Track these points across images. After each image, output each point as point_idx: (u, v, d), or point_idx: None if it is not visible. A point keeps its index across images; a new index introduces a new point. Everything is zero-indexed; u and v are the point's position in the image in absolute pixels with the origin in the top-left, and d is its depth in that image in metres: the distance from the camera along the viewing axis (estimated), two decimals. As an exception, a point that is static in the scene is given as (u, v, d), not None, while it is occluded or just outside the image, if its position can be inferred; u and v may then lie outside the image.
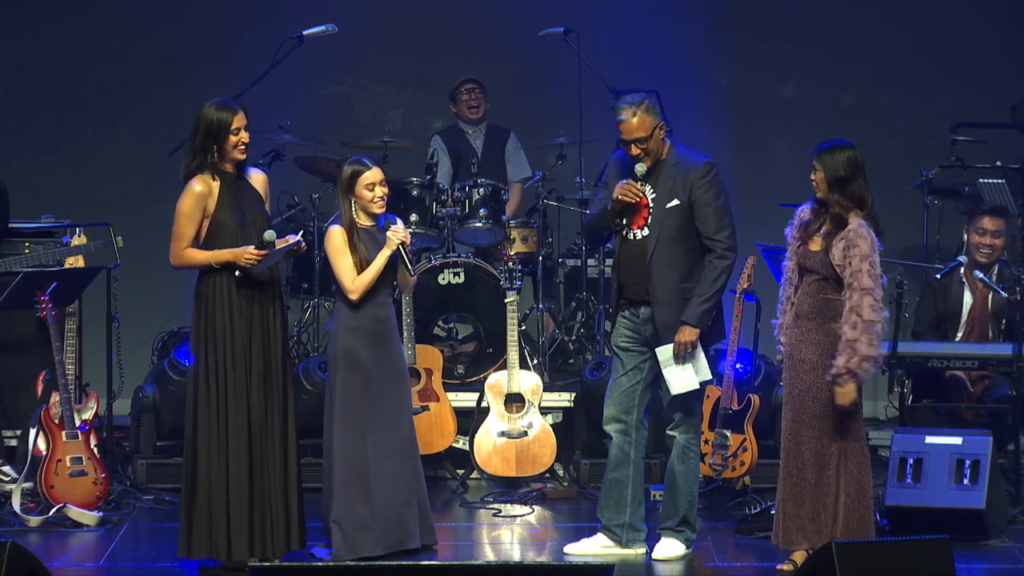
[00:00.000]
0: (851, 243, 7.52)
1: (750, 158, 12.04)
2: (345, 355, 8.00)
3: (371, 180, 8.00)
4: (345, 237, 8.00)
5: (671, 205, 7.96)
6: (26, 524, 8.82)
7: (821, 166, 7.61)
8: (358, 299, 7.99)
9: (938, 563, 6.28)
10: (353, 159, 8.10)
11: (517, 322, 9.84)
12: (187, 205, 7.68)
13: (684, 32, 11.86)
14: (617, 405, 8.16)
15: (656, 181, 8.00)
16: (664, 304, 8.00)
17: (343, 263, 8.00)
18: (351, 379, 8.00)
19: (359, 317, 8.02)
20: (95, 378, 9.68)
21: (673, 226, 7.96)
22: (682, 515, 8.14)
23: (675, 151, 8.02)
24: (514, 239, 10.69)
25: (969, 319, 9.76)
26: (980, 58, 11.94)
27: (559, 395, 10.22)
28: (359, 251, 7.98)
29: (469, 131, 11.30)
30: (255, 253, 7.64)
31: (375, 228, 8.06)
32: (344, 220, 8.03)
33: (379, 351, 8.03)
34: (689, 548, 8.17)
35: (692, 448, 8.14)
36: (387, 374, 8.04)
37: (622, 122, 7.93)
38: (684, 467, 8.13)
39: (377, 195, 8.01)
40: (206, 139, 7.66)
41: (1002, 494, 8.69)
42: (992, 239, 9.61)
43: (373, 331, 8.02)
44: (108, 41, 11.94)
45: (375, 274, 7.97)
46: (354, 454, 7.95)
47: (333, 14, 10.58)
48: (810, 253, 7.63)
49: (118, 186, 11.46)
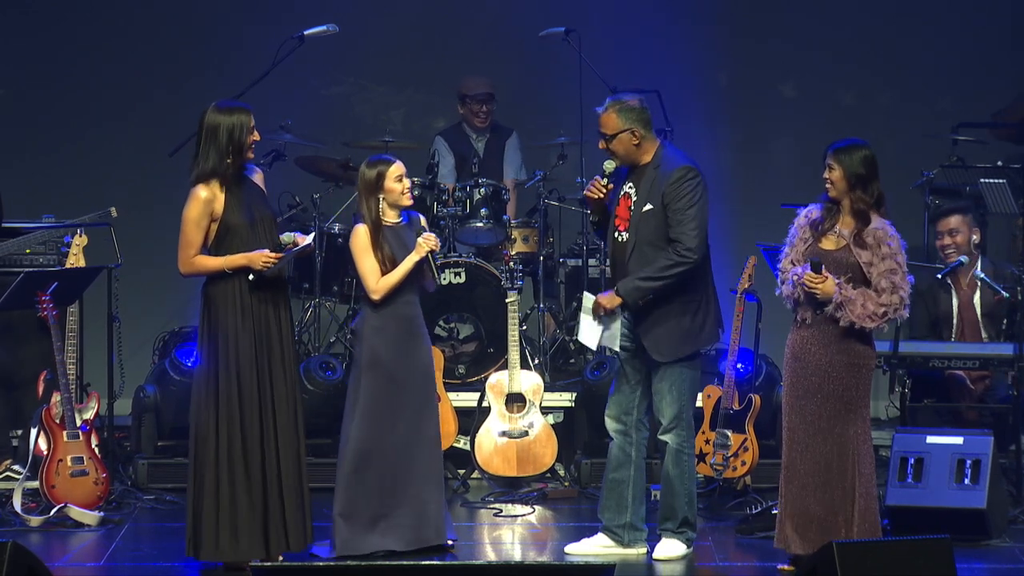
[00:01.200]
0: (880, 241, 7.52)
1: (750, 158, 12.04)
2: (369, 356, 8.03)
3: (398, 173, 8.04)
4: (369, 236, 8.02)
5: (646, 209, 7.95)
6: (27, 524, 8.82)
7: (839, 165, 7.58)
8: (380, 300, 8.01)
9: (939, 563, 6.28)
10: (371, 159, 8.13)
11: (518, 322, 9.84)
12: (194, 212, 7.65)
13: (684, 32, 11.86)
14: (617, 406, 8.16)
15: (638, 184, 8.01)
16: (642, 306, 7.98)
17: (367, 263, 8.01)
18: (375, 380, 8.01)
19: (383, 317, 8.04)
20: (96, 378, 9.68)
21: (650, 230, 7.95)
22: (682, 516, 8.13)
23: (661, 154, 8.02)
24: (515, 239, 10.69)
25: (959, 320, 9.78)
26: (980, 58, 11.94)
27: (560, 395, 10.23)
28: (383, 250, 8.00)
29: (473, 134, 11.29)
30: (272, 256, 7.64)
31: (400, 225, 8.08)
32: (368, 219, 8.04)
33: (404, 350, 8.04)
34: (690, 548, 8.17)
35: (685, 451, 8.11)
36: (412, 374, 8.05)
37: (598, 114, 8.03)
38: (679, 471, 8.11)
39: (406, 186, 8.06)
40: (229, 142, 7.63)
41: (1003, 494, 8.69)
42: (950, 238, 9.72)
43: (398, 331, 8.04)
44: (108, 41, 11.94)
45: (400, 277, 8.00)
46: (370, 451, 7.96)
47: (334, 14, 10.58)
48: (821, 252, 7.61)
49: (118, 186, 11.45)
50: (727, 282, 9.11)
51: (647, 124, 8.02)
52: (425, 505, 8.02)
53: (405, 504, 7.98)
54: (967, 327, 9.75)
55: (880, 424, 10.62)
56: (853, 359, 7.58)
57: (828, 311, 7.56)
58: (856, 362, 7.58)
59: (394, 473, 7.98)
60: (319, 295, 10.71)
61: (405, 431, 8.00)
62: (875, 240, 7.53)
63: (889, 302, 7.50)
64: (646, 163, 8.02)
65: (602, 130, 8.01)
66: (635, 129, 7.97)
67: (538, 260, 10.74)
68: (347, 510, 7.95)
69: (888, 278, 7.50)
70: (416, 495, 8.01)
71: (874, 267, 7.52)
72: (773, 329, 9.50)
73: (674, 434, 8.08)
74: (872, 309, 7.49)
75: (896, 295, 7.50)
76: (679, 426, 8.07)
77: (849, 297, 7.50)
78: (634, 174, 8.05)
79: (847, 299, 7.50)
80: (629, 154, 8.01)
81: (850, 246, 7.56)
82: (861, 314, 7.50)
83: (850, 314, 7.50)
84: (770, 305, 9.09)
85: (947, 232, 9.75)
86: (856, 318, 7.50)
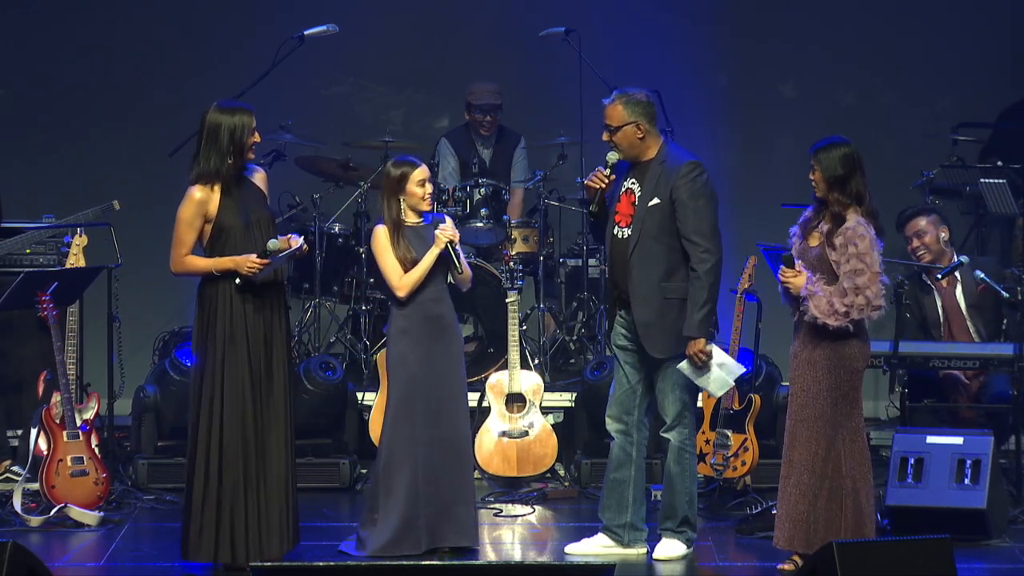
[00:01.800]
0: (848, 241, 7.51)
1: (750, 158, 12.04)
2: (397, 359, 8.07)
3: (421, 177, 8.07)
4: (389, 236, 8.03)
5: (652, 204, 7.96)
6: (27, 524, 8.81)
7: (819, 166, 7.61)
8: (405, 296, 8.03)
9: (939, 563, 6.28)
10: (397, 159, 8.17)
11: (518, 322, 9.84)
12: (187, 212, 7.65)
13: (684, 32, 11.86)
14: (618, 405, 8.16)
15: (643, 179, 8.02)
16: (643, 302, 7.99)
17: (388, 261, 8.04)
18: (404, 383, 8.05)
19: (409, 317, 8.06)
20: (96, 378, 9.68)
21: (654, 225, 7.95)
22: (682, 516, 8.13)
23: (665, 150, 8.03)
24: (515, 239, 10.69)
25: (944, 319, 9.80)
26: (980, 58, 11.94)
27: (560, 395, 10.23)
28: (402, 249, 8.02)
29: (479, 141, 11.27)
30: (257, 262, 7.63)
31: (422, 225, 8.10)
32: (388, 219, 8.06)
33: (433, 350, 8.06)
34: (690, 548, 8.17)
35: (687, 449, 8.12)
36: (439, 375, 8.07)
37: (604, 105, 8.04)
38: (680, 468, 8.11)
39: (428, 191, 8.08)
40: (231, 142, 7.63)
41: (1003, 494, 8.69)
42: (918, 240, 9.79)
43: (425, 330, 8.06)
44: (108, 41, 11.93)
45: (423, 272, 8.02)
46: (403, 453, 7.99)
47: (334, 14, 10.58)
48: (807, 248, 7.64)
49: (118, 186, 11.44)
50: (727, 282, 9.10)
51: (652, 119, 8.03)
52: (452, 507, 8.03)
53: (433, 505, 8.00)
54: (954, 323, 9.77)
55: (880, 424, 10.63)
56: (839, 358, 7.58)
57: (802, 311, 7.58)
58: (843, 362, 7.58)
59: (423, 474, 8.00)
60: (319, 295, 10.71)
61: (435, 431, 8.02)
62: (844, 240, 7.53)
63: (852, 303, 7.48)
64: (650, 159, 8.03)
65: (607, 121, 8.01)
66: (640, 123, 7.98)
67: (538, 260, 10.73)
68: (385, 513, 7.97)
69: (851, 279, 7.49)
70: (445, 496, 8.02)
71: (841, 267, 7.53)
72: (773, 329, 9.50)
73: (677, 431, 8.08)
74: (836, 307, 7.49)
75: (861, 296, 7.48)
76: (682, 423, 8.08)
77: (815, 292, 7.51)
78: (636, 170, 8.05)
79: (812, 294, 7.52)
80: (632, 147, 8.01)
81: (824, 244, 7.59)
82: (826, 310, 7.49)
83: (814, 309, 7.51)
84: (770, 305, 9.10)
85: (914, 235, 9.80)
86: (820, 314, 7.50)
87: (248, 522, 7.64)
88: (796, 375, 7.67)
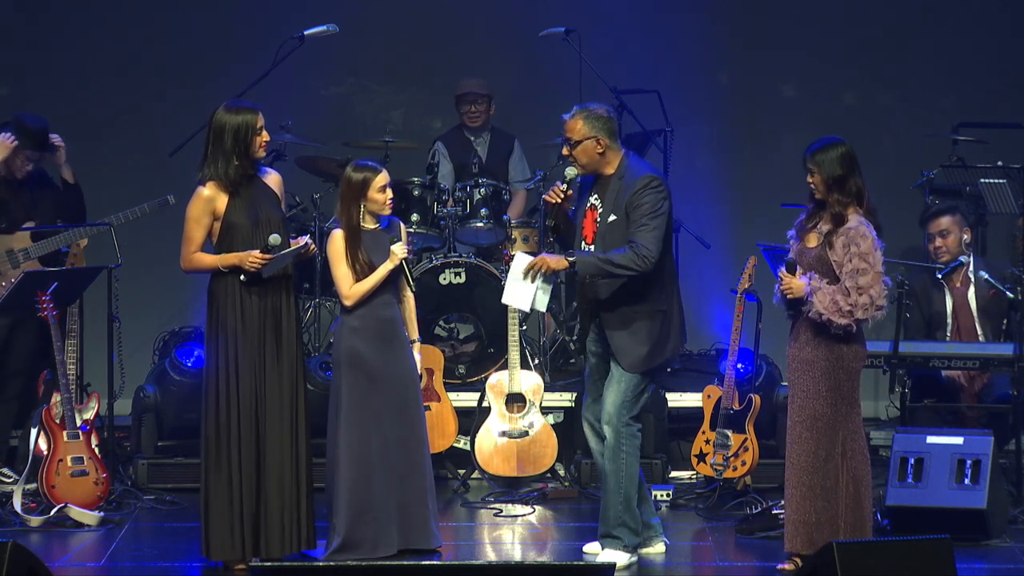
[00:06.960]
0: (851, 241, 7.51)
1: (750, 158, 12.03)
2: (349, 356, 8.01)
3: (383, 183, 8.03)
4: (345, 243, 8.02)
5: (611, 220, 7.89)
6: (27, 524, 8.82)
7: (817, 168, 7.60)
8: (352, 305, 8.02)
9: (939, 563, 6.28)
10: (357, 163, 8.11)
11: (518, 322, 9.84)
12: (196, 210, 7.72)
13: (685, 32, 11.85)
14: (591, 412, 8.12)
15: (603, 195, 7.96)
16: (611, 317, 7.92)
17: (340, 270, 8.03)
18: (355, 379, 8.00)
19: (362, 318, 8.04)
20: (96, 378, 9.68)
21: (616, 240, 7.85)
22: (616, 520, 7.96)
23: (625, 165, 7.94)
24: (515, 239, 10.69)
25: (953, 319, 9.79)
26: (980, 58, 11.94)
27: (560, 395, 10.22)
28: (360, 255, 7.99)
29: (472, 137, 11.27)
30: (259, 257, 7.66)
31: (379, 230, 8.07)
32: (346, 224, 8.03)
33: (385, 350, 8.04)
34: (633, 556, 7.99)
35: (623, 447, 7.94)
36: (394, 374, 8.04)
37: (564, 120, 7.98)
38: (614, 466, 7.95)
39: (389, 196, 8.04)
40: (235, 143, 7.66)
41: (1003, 494, 8.69)
42: (941, 239, 9.77)
43: (377, 331, 8.04)
44: (109, 42, 11.93)
45: (373, 285, 8.01)
46: (358, 454, 7.95)
47: (334, 14, 10.58)
48: (805, 250, 7.64)
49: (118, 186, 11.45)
50: (727, 282, 9.12)
51: (612, 134, 7.94)
52: (408, 508, 7.99)
53: (390, 507, 7.96)
54: (963, 325, 9.76)
55: (880, 424, 10.63)
56: (837, 359, 7.58)
57: (804, 309, 7.57)
58: (840, 363, 7.58)
59: (379, 475, 7.95)
60: (319, 295, 10.71)
61: (389, 433, 7.99)
62: (846, 240, 7.52)
63: (855, 302, 7.48)
64: (610, 174, 7.95)
65: (567, 135, 7.94)
66: (600, 138, 7.90)
67: (538, 260, 10.71)
68: (344, 517, 7.93)
69: (854, 278, 7.49)
70: (400, 498, 7.98)
71: (843, 267, 7.52)
72: (773, 329, 9.50)
73: (611, 428, 7.93)
74: (840, 304, 7.48)
75: (864, 296, 7.48)
76: (618, 422, 7.90)
77: (819, 287, 7.51)
78: (598, 185, 7.98)
79: (816, 288, 7.50)
80: (592, 162, 7.94)
81: (824, 244, 7.58)
82: (829, 307, 7.48)
83: (818, 304, 7.49)
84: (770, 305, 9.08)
85: (938, 234, 9.79)
86: (824, 309, 7.48)
87: (270, 518, 7.68)
88: (794, 377, 7.67)
